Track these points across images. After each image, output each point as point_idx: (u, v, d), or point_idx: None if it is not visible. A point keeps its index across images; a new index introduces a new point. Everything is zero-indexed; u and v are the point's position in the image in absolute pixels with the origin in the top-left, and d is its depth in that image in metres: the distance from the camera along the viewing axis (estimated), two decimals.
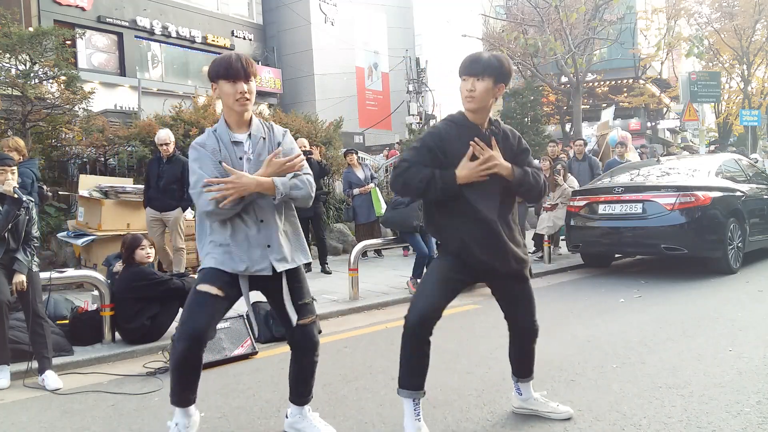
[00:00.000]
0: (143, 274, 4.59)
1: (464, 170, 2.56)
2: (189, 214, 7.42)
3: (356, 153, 9.92)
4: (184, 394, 2.60)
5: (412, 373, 2.63)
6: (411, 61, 27.07)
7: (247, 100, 2.54)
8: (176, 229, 6.50)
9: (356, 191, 8.98)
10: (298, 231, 2.74)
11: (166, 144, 6.37)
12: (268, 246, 2.57)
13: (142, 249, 4.67)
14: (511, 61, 2.80)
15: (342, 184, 9.68)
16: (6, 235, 3.79)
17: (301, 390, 2.78)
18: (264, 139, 2.64)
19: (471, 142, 2.55)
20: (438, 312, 2.62)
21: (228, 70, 2.50)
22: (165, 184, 6.36)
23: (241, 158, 2.57)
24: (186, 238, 7.16)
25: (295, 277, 2.69)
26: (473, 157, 2.57)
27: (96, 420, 3.21)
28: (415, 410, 2.64)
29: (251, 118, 2.64)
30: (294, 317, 2.62)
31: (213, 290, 2.49)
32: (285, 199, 2.55)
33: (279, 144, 2.67)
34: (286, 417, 2.86)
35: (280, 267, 2.59)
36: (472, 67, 2.62)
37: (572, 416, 2.86)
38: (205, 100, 9.56)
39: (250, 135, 2.61)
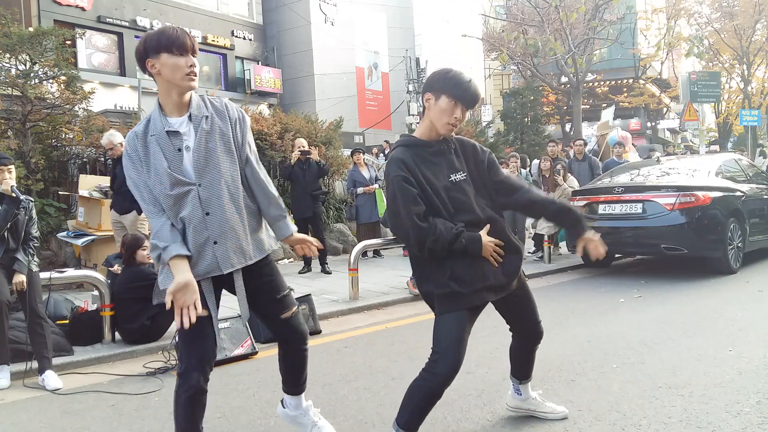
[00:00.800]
0: (143, 274, 4.59)
1: (489, 247, 2.41)
2: None
3: (363, 153, 10.06)
4: (195, 428, 2.35)
5: (422, 417, 2.46)
6: (411, 61, 27.08)
7: (195, 75, 2.26)
8: (134, 232, 6.08)
9: (360, 190, 9.02)
10: (257, 219, 2.45)
11: (111, 149, 6.12)
12: (216, 243, 2.28)
13: (144, 249, 4.68)
14: None
15: (346, 182, 9.71)
16: (6, 235, 3.79)
17: (295, 380, 2.65)
18: (206, 117, 2.30)
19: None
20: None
21: (175, 42, 2.20)
22: (117, 186, 6.04)
23: (179, 149, 2.24)
24: None
25: (265, 270, 2.45)
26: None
27: (96, 420, 3.21)
28: None
29: (190, 97, 2.32)
30: (245, 314, 2.41)
31: (202, 314, 2.24)
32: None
33: (235, 122, 2.36)
34: (282, 406, 2.73)
35: (229, 268, 2.31)
36: (473, 101, 2.45)
37: (568, 416, 2.87)
38: None
39: (190, 116, 2.28)
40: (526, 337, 2.76)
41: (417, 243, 2.37)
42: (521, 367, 2.85)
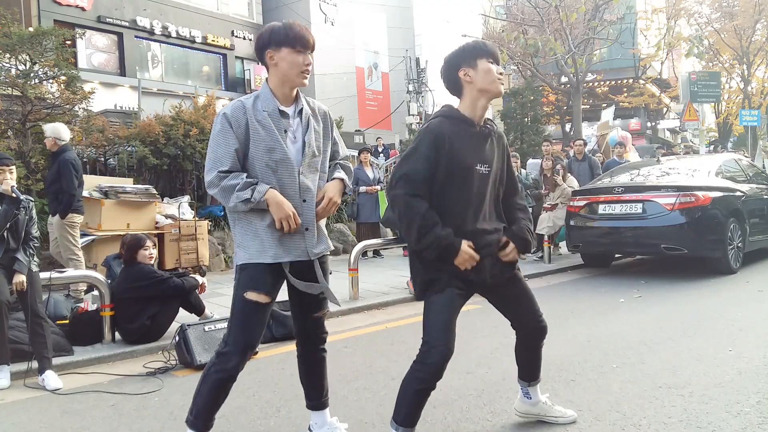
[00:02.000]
0: (144, 273, 4.59)
1: (464, 255, 2.35)
2: (189, 213, 7.43)
3: (370, 153, 10.26)
4: (211, 417, 2.40)
5: (418, 410, 2.43)
6: (411, 61, 27.07)
7: (308, 73, 2.38)
8: (60, 238, 5.75)
9: (362, 189, 9.05)
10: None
11: (46, 140, 5.79)
12: (307, 230, 2.40)
13: (146, 250, 4.68)
14: None
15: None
16: (6, 235, 3.79)
17: (318, 388, 2.64)
18: (312, 115, 2.46)
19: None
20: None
21: (299, 39, 2.31)
22: (46, 185, 5.75)
23: (286, 131, 2.37)
24: (187, 238, 7.17)
25: (323, 266, 2.53)
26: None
27: (96, 420, 3.21)
28: None
29: (297, 92, 2.44)
30: (335, 298, 2.47)
31: (261, 298, 2.33)
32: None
33: (327, 121, 2.52)
34: (309, 431, 2.70)
35: (316, 253, 2.44)
36: (497, 55, 2.49)
37: (576, 419, 2.83)
38: (205, 100, 9.56)
39: (301, 110, 2.42)
40: (529, 333, 2.68)
41: (400, 216, 2.38)
42: (528, 367, 2.76)
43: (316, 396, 2.66)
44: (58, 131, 5.79)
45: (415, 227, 2.32)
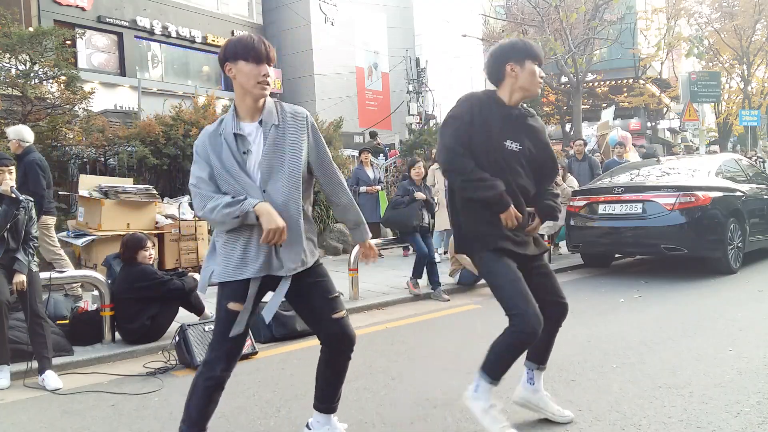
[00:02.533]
0: (146, 274, 4.59)
1: (511, 212, 2.57)
2: (189, 213, 7.43)
3: (371, 153, 10.21)
4: (205, 426, 2.40)
5: (507, 368, 2.59)
6: (411, 61, 27.04)
7: (268, 84, 2.37)
8: (39, 241, 5.49)
9: (363, 189, 9.05)
10: (313, 228, 2.55)
11: (9, 143, 5.70)
12: (279, 246, 2.36)
13: (146, 250, 4.68)
14: None
15: (350, 179, 9.74)
16: (6, 235, 3.79)
17: (332, 393, 2.63)
18: (276, 126, 2.39)
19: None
20: None
21: (250, 50, 2.32)
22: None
23: (245, 153, 2.36)
24: (187, 238, 7.18)
25: (318, 271, 2.52)
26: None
27: (96, 420, 3.21)
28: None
29: (264, 102, 2.42)
30: (271, 311, 2.53)
31: (240, 308, 2.37)
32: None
33: (310, 128, 2.46)
34: (308, 428, 2.67)
35: (290, 271, 2.40)
36: (542, 59, 2.69)
37: (573, 420, 2.83)
38: (205, 100, 9.56)
39: (261, 122, 2.39)
40: (552, 312, 2.69)
41: (456, 169, 2.57)
42: (542, 347, 2.76)
43: (327, 400, 2.65)
44: (21, 133, 5.74)
45: (475, 173, 2.54)
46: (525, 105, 2.77)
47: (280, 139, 2.38)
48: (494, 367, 2.57)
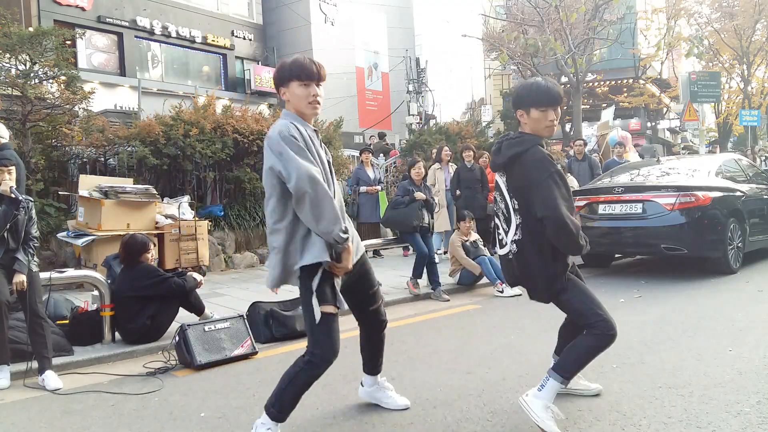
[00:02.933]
0: (147, 272, 4.59)
1: None
2: (188, 213, 7.43)
3: (371, 153, 10.20)
4: (290, 411, 2.64)
5: (581, 368, 2.83)
6: (411, 61, 27.06)
7: (319, 104, 2.57)
8: None
9: (363, 189, 9.05)
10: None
11: None
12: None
13: (149, 253, 4.70)
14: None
15: (350, 179, 9.76)
16: (6, 235, 3.79)
17: (375, 362, 3.08)
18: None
19: None
20: None
21: (302, 71, 2.50)
22: None
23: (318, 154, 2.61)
24: (187, 238, 7.19)
25: (364, 266, 2.88)
26: None
27: (96, 420, 3.21)
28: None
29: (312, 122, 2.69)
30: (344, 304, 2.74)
31: (335, 310, 2.62)
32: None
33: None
34: (362, 385, 3.16)
35: (356, 257, 2.73)
36: (558, 99, 2.78)
37: (601, 392, 3.13)
38: (205, 100, 9.56)
39: (317, 133, 2.69)
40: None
41: (573, 236, 2.69)
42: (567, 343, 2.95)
43: (373, 366, 3.10)
44: (6, 133, 5.61)
45: (577, 233, 2.70)
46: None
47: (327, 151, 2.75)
48: (571, 367, 2.77)
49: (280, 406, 2.58)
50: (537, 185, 2.69)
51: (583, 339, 2.76)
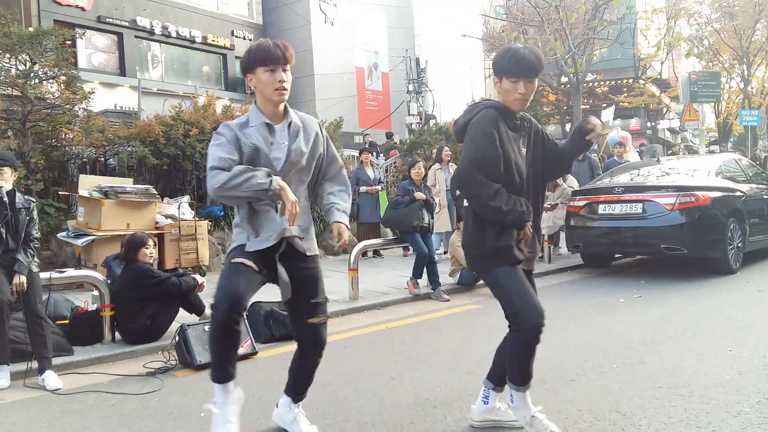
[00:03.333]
0: (145, 273, 4.59)
1: (528, 225, 2.58)
2: (188, 213, 7.43)
3: (371, 153, 10.21)
4: (224, 368, 2.45)
5: (529, 366, 2.58)
6: (411, 61, 27.04)
7: (285, 89, 2.48)
8: None
9: (363, 189, 9.06)
10: (311, 225, 2.73)
11: None
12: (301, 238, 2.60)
13: (147, 248, 4.68)
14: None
15: (350, 179, 9.76)
16: (5, 235, 3.79)
17: (298, 387, 2.79)
18: (300, 127, 2.60)
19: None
20: None
21: (267, 56, 2.42)
22: None
23: (271, 143, 2.50)
24: (187, 238, 7.19)
25: (312, 271, 2.67)
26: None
27: (96, 420, 3.21)
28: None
29: (285, 107, 2.59)
30: (287, 291, 2.54)
31: (247, 262, 2.45)
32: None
33: (318, 135, 2.65)
34: (276, 406, 2.87)
35: (288, 234, 2.54)
36: (531, 71, 2.52)
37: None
38: (205, 100, 9.56)
39: (290, 124, 2.56)
40: None
41: (482, 196, 2.47)
42: (499, 372, 2.79)
43: (295, 390, 2.80)
44: None
45: (501, 197, 2.47)
46: (525, 115, 2.72)
47: (302, 139, 2.57)
48: (517, 373, 2.58)
49: (220, 366, 2.46)
50: (466, 141, 2.55)
51: (508, 342, 2.63)
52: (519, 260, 2.57)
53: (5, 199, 3.81)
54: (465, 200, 2.68)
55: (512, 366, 2.60)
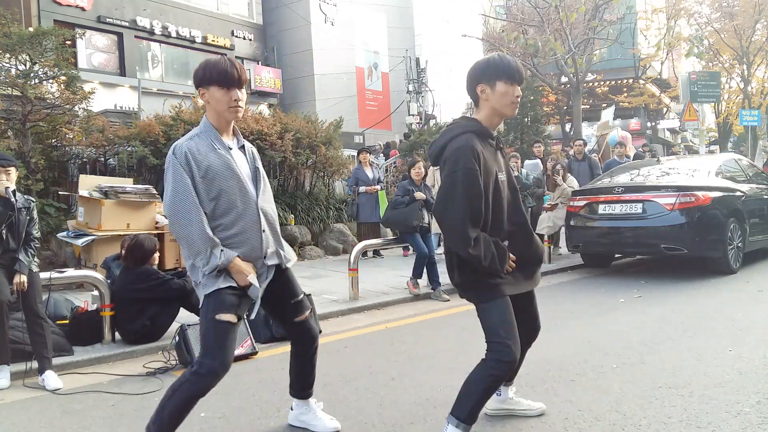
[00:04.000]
0: (147, 274, 4.59)
1: (510, 259, 2.49)
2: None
3: (370, 153, 10.22)
4: (177, 427, 2.40)
5: (481, 407, 2.50)
6: (411, 61, 27.06)
7: (240, 108, 2.51)
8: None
9: (362, 189, 9.06)
10: (278, 232, 2.74)
11: None
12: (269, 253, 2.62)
13: (154, 258, 4.71)
14: None
15: (349, 179, 9.77)
16: (6, 235, 3.79)
17: (302, 384, 2.83)
18: (248, 147, 2.71)
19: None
20: None
21: (222, 77, 2.44)
22: None
23: (229, 167, 2.52)
24: None
25: (286, 276, 2.72)
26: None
27: (96, 420, 3.21)
28: None
29: (234, 128, 2.65)
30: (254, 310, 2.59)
31: (232, 320, 2.41)
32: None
33: (253, 155, 2.71)
34: (291, 410, 2.93)
35: (271, 261, 2.60)
36: (521, 76, 2.49)
37: (545, 411, 2.92)
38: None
39: (243, 147, 2.65)
40: (525, 332, 2.66)
41: (459, 246, 2.39)
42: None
43: (300, 387, 2.85)
44: None
45: (478, 246, 2.37)
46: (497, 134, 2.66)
47: (255, 157, 2.70)
48: (464, 406, 2.48)
49: (159, 424, 2.34)
50: (443, 178, 2.44)
51: (479, 369, 2.49)
52: (505, 294, 2.48)
53: (12, 199, 3.82)
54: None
55: (467, 397, 2.48)
